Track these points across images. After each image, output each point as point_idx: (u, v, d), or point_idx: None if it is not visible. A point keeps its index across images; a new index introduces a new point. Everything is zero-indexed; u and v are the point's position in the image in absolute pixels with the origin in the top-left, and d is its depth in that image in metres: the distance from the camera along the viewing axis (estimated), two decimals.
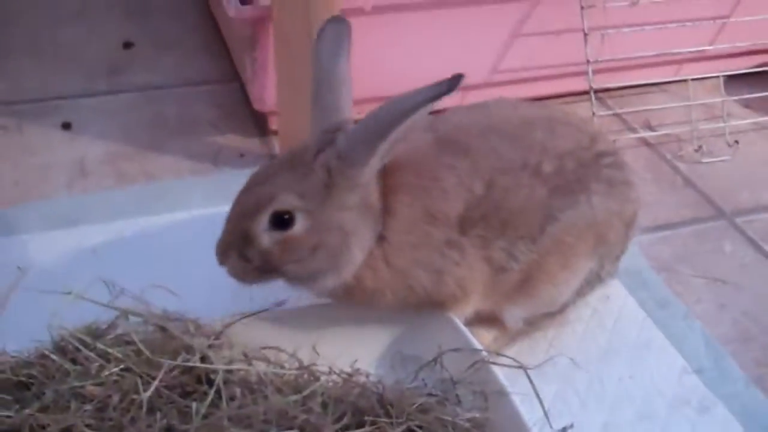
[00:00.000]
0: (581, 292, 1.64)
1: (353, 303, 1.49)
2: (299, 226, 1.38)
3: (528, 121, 1.58)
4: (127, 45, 2.69)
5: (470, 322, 1.56)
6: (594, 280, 1.64)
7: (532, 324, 1.64)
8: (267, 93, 2.21)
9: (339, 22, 1.52)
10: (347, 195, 1.39)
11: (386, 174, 1.43)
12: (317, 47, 1.50)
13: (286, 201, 1.37)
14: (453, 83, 1.29)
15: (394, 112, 1.31)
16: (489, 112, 1.62)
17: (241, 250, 1.40)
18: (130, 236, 1.87)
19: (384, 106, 1.35)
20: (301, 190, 1.38)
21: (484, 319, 1.59)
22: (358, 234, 1.41)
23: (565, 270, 1.56)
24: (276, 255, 1.39)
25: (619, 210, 1.59)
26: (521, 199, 1.50)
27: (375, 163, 1.37)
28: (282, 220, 1.37)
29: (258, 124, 2.35)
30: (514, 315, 1.60)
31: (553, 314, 1.65)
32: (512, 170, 1.51)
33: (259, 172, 1.45)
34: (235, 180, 2.02)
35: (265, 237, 1.38)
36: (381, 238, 1.43)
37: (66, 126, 2.29)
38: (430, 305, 1.50)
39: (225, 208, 1.94)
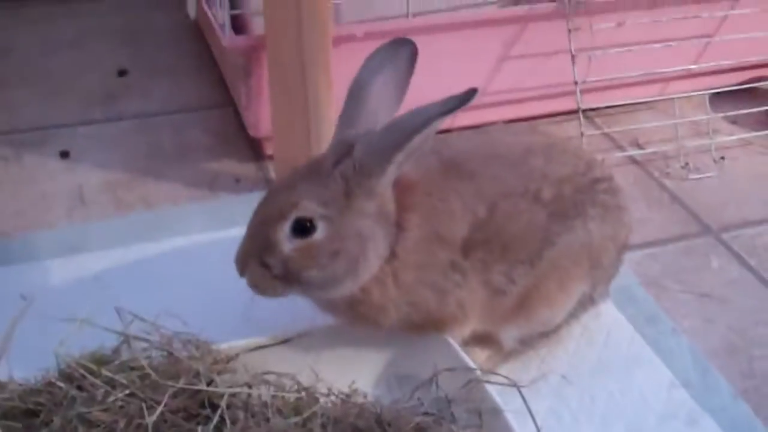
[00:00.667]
0: (575, 314, 1.68)
1: (356, 320, 1.51)
2: (320, 232, 1.40)
3: (528, 148, 1.61)
4: (122, 73, 2.73)
5: (465, 341, 1.60)
6: (587, 302, 1.68)
7: (526, 343, 1.67)
8: (262, 119, 2.25)
9: (399, 43, 1.55)
10: (365, 203, 1.42)
11: (398, 191, 1.46)
12: (365, 63, 1.53)
13: (309, 208, 1.40)
14: (467, 97, 1.33)
15: (410, 124, 1.34)
16: (491, 139, 1.66)
17: (262, 258, 1.42)
18: (131, 263, 1.89)
19: (400, 118, 1.39)
20: (321, 197, 1.40)
21: (479, 339, 1.62)
22: (375, 241, 1.44)
23: (560, 292, 1.60)
24: (297, 262, 1.41)
25: (613, 234, 1.63)
26: (522, 224, 1.53)
27: (391, 173, 1.40)
28: (304, 227, 1.40)
29: (253, 149, 2.38)
30: (509, 335, 1.63)
31: (547, 334, 1.68)
32: (514, 196, 1.54)
33: (279, 182, 1.47)
34: (232, 205, 2.08)
35: (287, 244, 1.41)
36: (392, 254, 1.46)
37: (64, 154, 2.32)
38: (429, 326, 1.53)
39: (223, 233, 1.99)
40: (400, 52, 1.53)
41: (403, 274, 1.47)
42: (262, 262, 1.43)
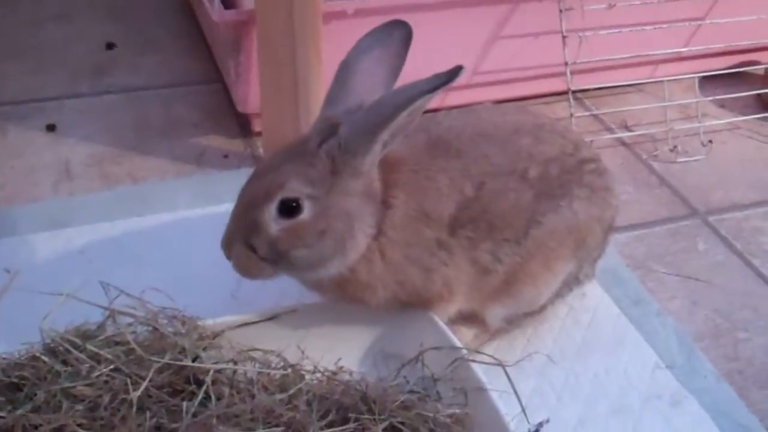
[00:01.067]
0: (560, 294, 1.68)
1: (344, 298, 1.52)
2: (307, 212, 1.40)
3: (516, 128, 1.61)
4: (110, 46, 2.71)
5: (452, 321, 1.60)
6: (572, 283, 1.69)
7: (512, 322, 1.67)
8: (250, 95, 2.24)
9: (394, 25, 1.55)
10: (351, 182, 1.42)
11: (385, 169, 1.46)
12: (357, 44, 1.53)
13: (295, 188, 1.40)
14: (452, 74, 1.33)
15: (395, 102, 1.34)
16: (479, 117, 1.65)
17: (248, 240, 1.42)
18: (116, 237, 1.89)
19: (385, 96, 1.40)
20: (307, 177, 1.40)
21: (465, 318, 1.63)
22: (362, 219, 1.44)
23: (546, 272, 1.60)
24: (284, 242, 1.41)
25: (600, 215, 1.63)
26: (508, 203, 1.53)
27: (377, 151, 1.40)
28: (290, 208, 1.40)
29: (241, 125, 2.37)
30: (495, 314, 1.64)
31: (533, 313, 1.68)
32: (501, 174, 1.54)
33: (264, 162, 1.47)
34: (220, 181, 2.08)
35: (274, 225, 1.40)
36: (379, 232, 1.46)
37: (50, 128, 2.30)
38: (416, 303, 1.53)
39: (210, 209, 1.99)
40: (394, 33, 1.53)
41: (390, 251, 1.47)
42: (248, 245, 1.42)
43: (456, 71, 1.33)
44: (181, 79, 2.58)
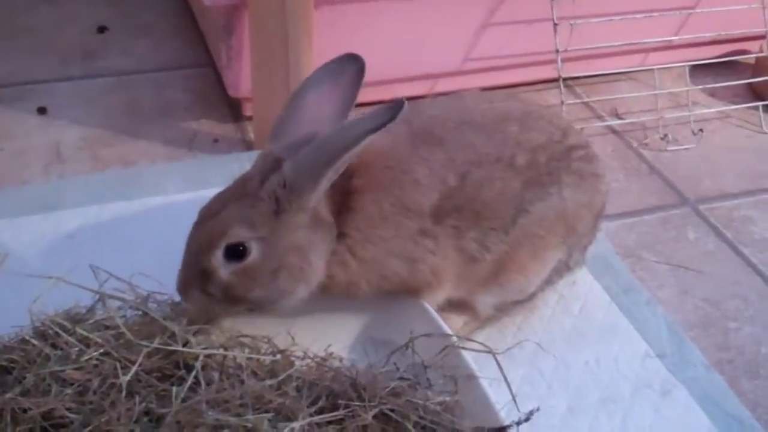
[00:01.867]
0: (550, 281, 1.68)
1: (331, 296, 1.52)
2: (254, 254, 1.39)
3: (502, 115, 1.60)
4: (102, 29, 2.70)
5: (442, 308, 1.59)
6: (563, 270, 1.68)
7: (502, 310, 1.67)
8: (242, 80, 2.23)
9: (347, 59, 1.52)
10: (297, 217, 1.41)
11: (351, 173, 1.44)
12: (311, 75, 1.52)
13: (238, 234, 1.38)
14: (395, 111, 1.31)
15: (340, 143, 1.34)
16: (464, 105, 1.64)
17: (203, 287, 1.41)
18: (106, 221, 1.88)
19: (330, 135, 1.38)
20: (250, 220, 1.39)
21: (455, 305, 1.62)
22: (315, 247, 1.43)
23: (535, 260, 1.60)
24: (238, 286, 1.40)
25: (589, 202, 1.63)
26: (494, 192, 1.52)
27: (322, 188, 1.39)
28: (237, 252, 1.38)
29: (232, 109, 2.37)
30: (484, 302, 1.63)
31: (522, 302, 1.68)
32: (486, 163, 1.53)
33: (208, 205, 1.45)
34: (210, 165, 2.07)
35: (223, 271, 1.39)
36: (342, 235, 1.45)
37: (41, 110, 2.30)
38: (404, 292, 1.53)
39: (200, 193, 1.94)
40: (347, 67, 1.51)
41: (362, 250, 1.47)
42: (203, 291, 1.41)
43: (399, 107, 1.31)
44: (172, 63, 2.58)
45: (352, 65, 1.50)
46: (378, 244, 1.47)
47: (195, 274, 1.41)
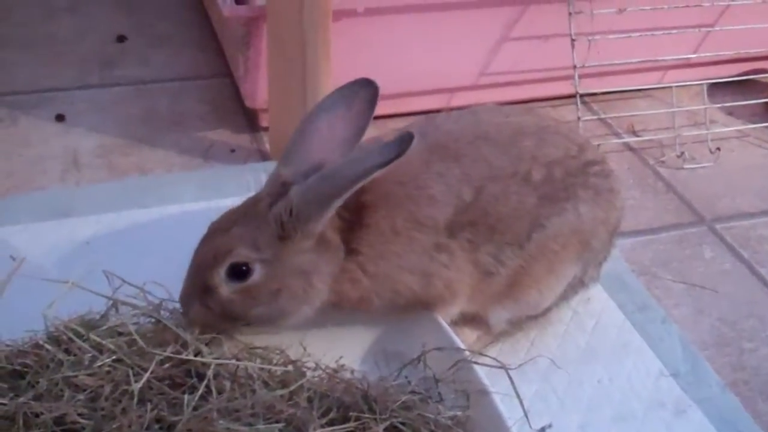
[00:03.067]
0: (564, 297, 1.67)
1: (342, 311, 1.51)
2: (257, 275, 1.40)
3: (518, 130, 1.59)
4: (121, 39, 2.71)
5: (455, 322, 1.59)
6: (577, 285, 1.67)
7: (516, 325, 1.66)
8: (258, 91, 2.24)
9: (360, 84, 1.50)
10: (302, 243, 1.41)
11: (362, 189, 1.42)
12: (322, 98, 1.52)
13: (242, 254, 1.39)
14: (403, 148, 1.32)
15: (350, 175, 1.34)
16: (479, 120, 1.63)
17: (203, 300, 1.42)
18: (122, 228, 1.88)
19: (338, 166, 1.38)
20: (255, 242, 1.40)
21: (469, 320, 1.62)
22: (319, 270, 1.44)
23: (550, 275, 1.59)
24: (238, 304, 1.41)
25: (605, 218, 1.62)
26: (510, 207, 1.52)
27: (327, 216, 1.39)
28: (240, 272, 1.39)
29: (249, 120, 2.38)
30: (498, 316, 1.63)
31: (537, 317, 1.67)
32: (502, 178, 1.53)
33: (218, 221, 1.46)
34: (226, 175, 2.07)
35: (225, 288, 1.40)
36: (352, 251, 1.45)
37: (60, 118, 2.31)
38: (418, 306, 1.52)
39: (215, 203, 1.97)
40: (360, 93, 1.49)
41: (373, 266, 1.46)
42: (203, 304, 1.42)
43: (408, 141, 1.31)
44: (190, 73, 2.59)
45: (365, 91, 1.49)
46: (390, 260, 1.47)
47: (197, 287, 1.42)
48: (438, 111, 1.55)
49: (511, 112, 1.69)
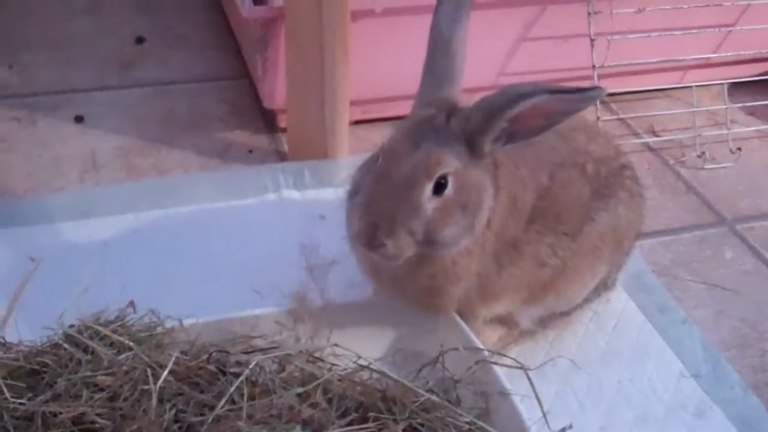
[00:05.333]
0: (588, 298, 1.67)
1: (410, 292, 1.50)
2: (450, 188, 1.37)
3: (572, 124, 1.59)
4: (140, 40, 2.71)
5: (485, 321, 1.60)
6: (601, 287, 1.68)
7: (541, 323, 1.67)
8: (277, 91, 2.24)
9: None
10: (482, 156, 1.40)
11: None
12: (437, 11, 1.49)
13: (451, 163, 1.36)
14: (588, 90, 1.33)
15: (520, 91, 1.33)
16: None
17: (409, 225, 1.35)
18: (140, 229, 1.89)
19: (514, 85, 1.37)
20: (455, 152, 1.37)
21: (493, 318, 1.61)
22: (487, 192, 1.42)
23: (589, 270, 1.61)
24: (437, 221, 1.36)
25: (635, 220, 1.66)
26: (572, 195, 1.55)
27: (493, 134, 1.37)
28: (440, 185, 1.36)
29: (267, 121, 2.37)
30: (530, 314, 1.63)
31: (564, 314, 1.68)
32: (566, 166, 1.55)
33: (391, 147, 1.39)
34: (244, 176, 2.07)
35: (428, 205, 1.35)
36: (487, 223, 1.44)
37: (78, 119, 2.31)
38: (475, 302, 1.52)
39: (233, 203, 1.99)
40: None
41: (489, 243, 1.46)
42: (408, 230, 1.35)
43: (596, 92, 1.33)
44: (208, 74, 2.59)
45: None
46: (494, 243, 1.48)
47: (401, 210, 1.35)
48: None
49: None
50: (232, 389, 1.25)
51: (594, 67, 2.34)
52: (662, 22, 2.42)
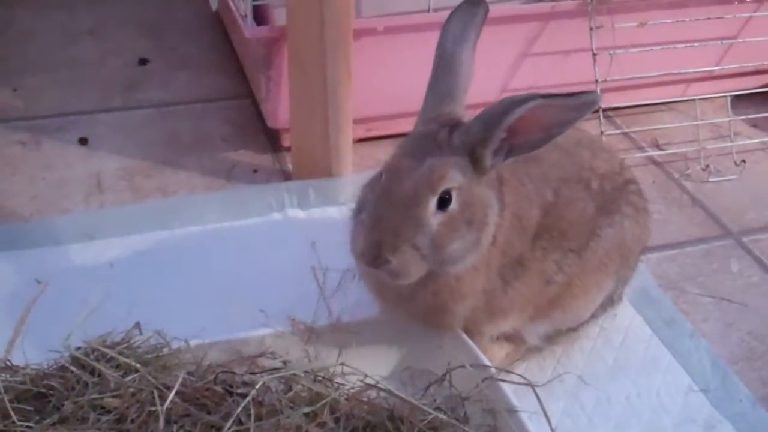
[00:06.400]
0: (595, 314, 1.67)
1: (415, 312, 1.49)
2: (454, 203, 1.36)
3: (576, 139, 1.62)
4: (143, 62, 2.72)
5: (492, 339, 1.60)
6: (607, 303, 1.69)
7: (548, 340, 1.67)
8: (280, 111, 2.24)
9: (474, 4, 1.51)
10: (485, 170, 1.39)
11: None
12: (444, 29, 1.49)
13: (455, 178, 1.36)
14: (580, 95, 1.31)
15: (514, 99, 1.33)
16: None
17: (413, 240, 1.35)
18: (145, 250, 1.89)
19: (507, 97, 1.37)
20: (459, 167, 1.37)
21: (500, 335, 1.61)
22: (492, 208, 1.42)
23: (596, 286, 1.61)
24: (442, 236, 1.36)
25: (641, 234, 1.65)
26: (577, 211, 1.54)
27: (494, 143, 1.37)
28: (444, 200, 1.35)
29: (271, 140, 2.38)
30: (536, 331, 1.63)
31: (569, 331, 1.68)
32: (571, 182, 1.55)
33: (395, 164, 1.39)
34: (248, 195, 2.08)
35: (433, 219, 1.35)
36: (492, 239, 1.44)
37: (83, 141, 2.32)
38: (481, 319, 1.52)
39: (238, 223, 1.99)
40: (477, 14, 1.50)
41: (494, 260, 1.46)
42: (413, 245, 1.35)
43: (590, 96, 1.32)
44: (212, 95, 2.59)
45: (479, 10, 1.52)
46: (499, 258, 1.48)
47: (405, 225, 1.34)
48: None
49: None
50: (239, 410, 1.25)
51: (597, 81, 2.34)
52: (664, 35, 2.42)
